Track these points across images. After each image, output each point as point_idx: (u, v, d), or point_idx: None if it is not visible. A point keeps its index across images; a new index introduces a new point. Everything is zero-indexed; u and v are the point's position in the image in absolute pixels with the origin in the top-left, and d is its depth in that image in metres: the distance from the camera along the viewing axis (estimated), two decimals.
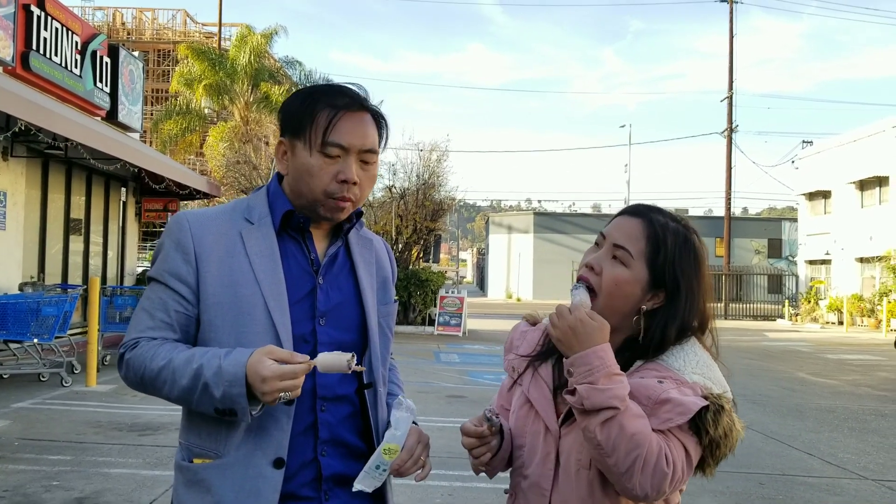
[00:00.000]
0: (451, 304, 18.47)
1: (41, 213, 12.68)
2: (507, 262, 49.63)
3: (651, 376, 1.51)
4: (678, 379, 1.50)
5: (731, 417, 1.47)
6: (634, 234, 1.57)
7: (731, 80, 33.53)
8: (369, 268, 1.80)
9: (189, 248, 1.62)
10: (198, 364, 1.53)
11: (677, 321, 1.56)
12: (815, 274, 32.70)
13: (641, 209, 1.63)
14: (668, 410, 1.44)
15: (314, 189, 1.64)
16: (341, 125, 1.63)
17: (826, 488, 5.73)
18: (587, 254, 1.64)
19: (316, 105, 1.65)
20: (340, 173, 1.64)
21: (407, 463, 1.64)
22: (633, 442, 1.38)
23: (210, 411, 1.54)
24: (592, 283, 1.57)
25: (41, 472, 5.36)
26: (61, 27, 12.15)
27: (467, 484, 5.38)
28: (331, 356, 1.53)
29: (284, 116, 1.70)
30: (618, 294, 1.56)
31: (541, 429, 1.60)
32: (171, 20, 35.68)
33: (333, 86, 1.71)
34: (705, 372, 1.53)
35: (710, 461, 1.50)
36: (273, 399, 1.47)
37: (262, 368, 1.46)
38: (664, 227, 1.58)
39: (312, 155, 1.63)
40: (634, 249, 1.56)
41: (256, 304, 1.60)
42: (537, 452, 1.59)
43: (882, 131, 27.43)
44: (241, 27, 26.18)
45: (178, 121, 24.95)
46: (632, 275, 1.55)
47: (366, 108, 1.68)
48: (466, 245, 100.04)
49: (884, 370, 13.88)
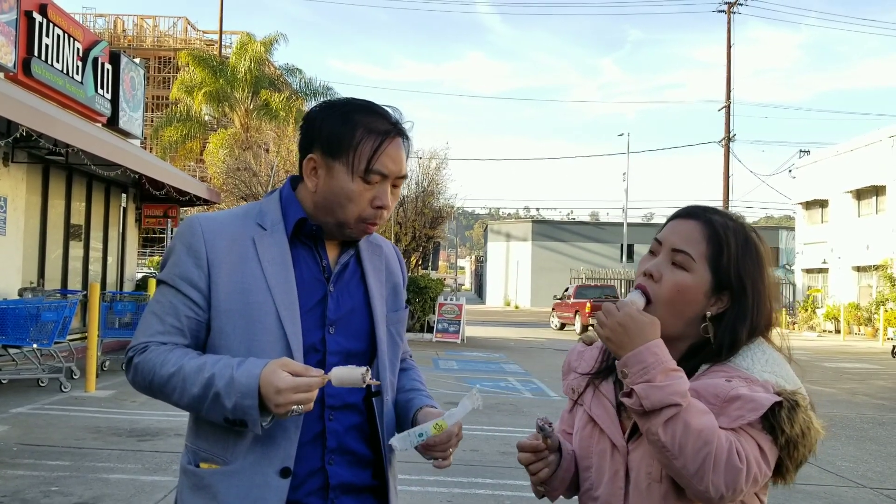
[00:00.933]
0: (450, 311, 18.49)
1: (41, 219, 12.69)
2: (505, 270, 49.67)
3: (718, 376, 1.43)
4: (747, 377, 1.42)
5: (807, 415, 1.38)
6: (694, 236, 1.50)
7: (728, 90, 33.64)
8: (379, 275, 1.79)
9: (201, 253, 1.61)
10: (209, 373, 1.52)
11: (746, 322, 1.49)
12: (812, 283, 32.75)
13: (698, 210, 1.55)
14: (739, 407, 1.35)
15: (349, 214, 1.63)
16: (385, 154, 1.62)
17: (824, 496, 5.74)
18: (642, 262, 1.56)
19: (356, 128, 1.62)
20: (376, 199, 1.63)
21: (443, 445, 1.62)
22: (700, 439, 1.29)
23: (220, 421, 1.54)
24: (650, 291, 1.49)
25: (40, 477, 5.37)
26: (63, 34, 12.19)
27: (466, 490, 5.39)
28: (345, 370, 1.53)
29: (319, 133, 1.65)
30: (680, 300, 1.48)
31: (607, 447, 1.54)
32: (172, 28, 35.81)
33: (372, 106, 1.68)
34: (776, 370, 1.46)
35: (789, 464, 1.40)
36: (286, 412, 1.46)
37: (277, 380, 1.45)
38: (724, 227, 1.51)
39: (354, 181, 1.61)
40: (696, 252, 1.49)
41: (268, 312, 1.59)
42: (605, 471, 1.53)
43: (879, 141, 27.54)
44: (241, 35, 26.29)
45: (179, 127, 25.03)
46: (694, 280, 1.48)
47: (402, 135, 1.68)
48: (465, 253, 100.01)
49: (881, 379, 13.90)
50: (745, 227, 1.55)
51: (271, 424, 1.53)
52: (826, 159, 31.60)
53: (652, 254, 1.56)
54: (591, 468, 1.56)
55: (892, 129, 27.08)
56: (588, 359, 1.66)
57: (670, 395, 1.31)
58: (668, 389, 1.31)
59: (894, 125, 27.12)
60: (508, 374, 12.65)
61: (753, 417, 1.34)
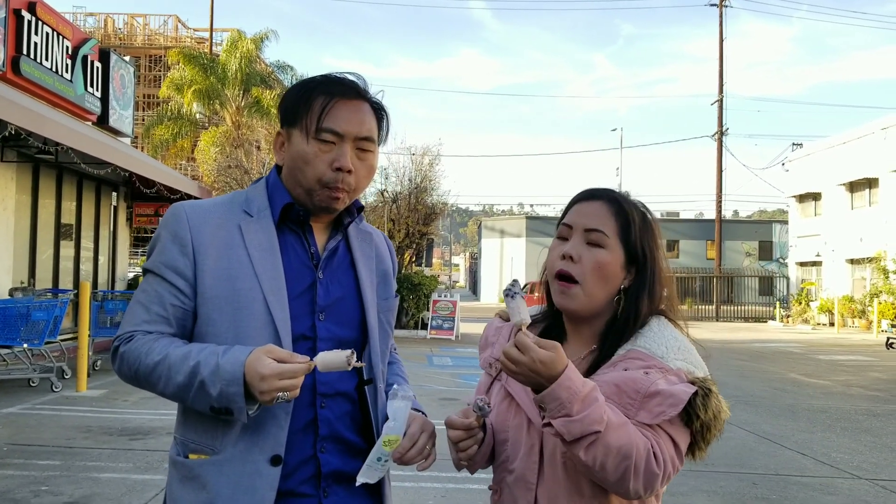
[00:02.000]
0: (444, 308, 18.46)
1: (31, 218, 12.61)
2: (499, 267, 49.67)
3: (636, 367, 1.49)
4: (663, 367, 1.49)
5: (718, 399, 1.47)
6: (602, 214, 1.58)
7: (721, 84, 33.68)
8: (369, 262, 1.77)
9: (187, 241, 1.59)
10: (195, 361, 1.50)
11: (646, 292, 1.58)
12: (805, 276, 32.82)
13: (599, 191, 1.63)
14: (659, 403, 1.43)
15: (309, 177, 1.62)
16: (336, 111, 1.62)
17: (820, 488, 5.73)
18: (554, 248, 1.62)
19: (312, 93, 1.64)
20: (335, 161, 1.61)
21: (410, 451, 1.60)
22: (620, 455, 1.37)
23: (206, 410, 1.51)
24: (573, 273, 1.56)
25: (30, 476, 5.32)
26: (52, 32, 12.10)
27: (460, 486, 5.35)
28: (330, 354, 1.51)
29: (282, 107, 1.69)
30: (602, 276, 1.56)
31: (524, 422, 1.58)
32: (163, 26, 35.65)
33: (330, 75, 1.69)
34: (687, 357, 1.53)
35: (702, 444, 1.50)
36: (271, 399, 1.44)
37: (262, 367, 1.44)
38: (627, 203, 1.61)
39: (309, 143, 1.61)
40: (608, 229, 1.57)
41: (255, 298, 1.56)
42: (521, 446, 1.58)
43: (871, 133, 27.59)
44: (231, 32, 26.14)
45: (170, 126, 24.91)
46: (611, 255, 1.56)
47: (362, 97, 1.67)
48: (459, 249, 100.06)
49: (875, 370, 13.92)
50: (642, 204, 1.64)
51: (258, 413, 1.51)
52: (819, 152, 31.64)
53: (562, 239, 1.62)
54: (508, 441, 1.60)
55: (884, 121, 27.13)
56: (507, 335, 1.70)
57: (588, 426, 1.36)
58: (586, 421, 1.35)
59: (886, 117, 27.16)
60: None
61: (674, 413, 1.42)
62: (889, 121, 26.74)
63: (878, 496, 5.59)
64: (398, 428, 1.58)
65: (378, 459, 1.58)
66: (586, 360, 1.59)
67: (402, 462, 1.60)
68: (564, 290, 1.57)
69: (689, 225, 49.07)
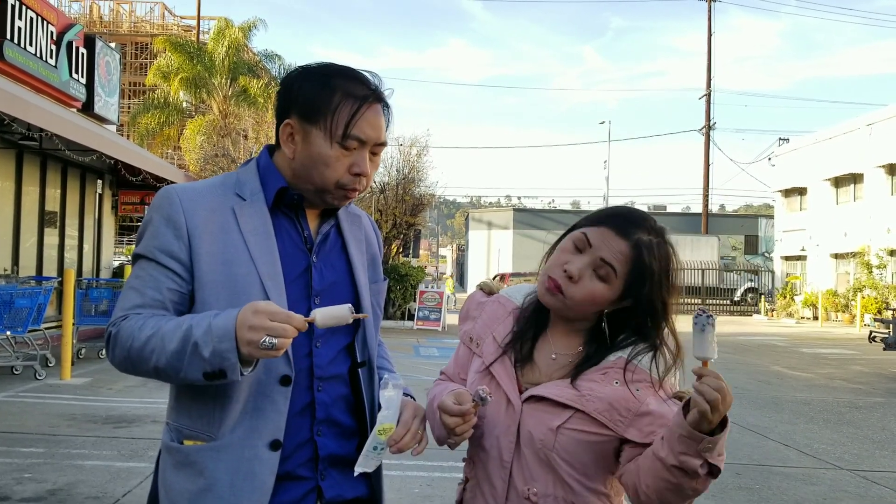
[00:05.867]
0: (431, 299, 18.46)
1: (15, 205, 12.50)
2: (486, 258, 49.70)
3: (626, 381, 1.53)
4: (652, 381, 1.53)
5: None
6: (622, 256, 1.55)
7: (709, 78, 33.79)
8: (360, 245, 1.77)
9: (181, 224, 1.55)
10: (187, 325, 1.46)
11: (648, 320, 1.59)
12: (790, 270, 33.06)
13: (630, 230, 1.56)
14: (650, 423, 1.49)
15: (327, 180, 1.59)
16: (363, 119, 1.59)
17: (802, 478, 5.78)
18: (564, 252, 1.59)
19: (334, 92, 1.58)
20: (355, 166, 1.59)
21: (405, 438, 1.59)
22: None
23: (199, 377, 1.45)
24: (565, 289, 1.55)
25: (13, 464, 5.28)
26: (36, 17, 11.97)
27: (446, 474, 5.36)
28: (330, 309, 1.49)
29: (296, 97, 1.61)
30: (589, 304, 1.56)
31: (502, 400, 1.59)
32: (149, 13, 35.28)
33: (350, 71, 1.64)
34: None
35: None
36: (257, 338, 1.38)
37: (255, 304, 1.41)
38: (650, 255, 1.55)
39: (332, 146, 1.57)
40: (620, 271, 1.55)
41: (252, 283, 1.54)
42: (498, 424, 1.59)
43: (857, 129, 27.78)
44: (219, 20, 25.94)
45: (156, 114, 24.69)
46: (609, 292, 1.55)
47: (382, 100, 1.64)
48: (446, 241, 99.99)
49: (858, 364, 14.04)
50: (668, 247, 1.59)
51: (253, 370, 1.47)
52: (805, 147, 31.83)
53: (577, 249, 1.58)
54: (485, 417, 1.61)
55: (869, 117, 27.31)
56: (490, 314, 1.71)
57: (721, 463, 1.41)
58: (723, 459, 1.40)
59: (872, 113, 27.33)
60: None
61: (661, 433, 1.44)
62: (874, 117, 26.92)
63: (860, 486, 5.64)
64: (392, 416, 1.58)
65: (374, 448, 1.58)
66: (573, 361, 1.59)
67: (397, 449, 1.59)
68: (550, 292, 1.58)
69: (677, 219, 49.25)
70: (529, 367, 1.62)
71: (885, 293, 24.44)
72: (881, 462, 6.45)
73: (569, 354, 1.60)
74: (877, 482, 5.78)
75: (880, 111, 26.92)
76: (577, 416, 1.52)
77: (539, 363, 1.62)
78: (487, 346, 1.67)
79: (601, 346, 1.58)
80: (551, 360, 1.61)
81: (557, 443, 1.53)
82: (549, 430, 1.53)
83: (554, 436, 1.53)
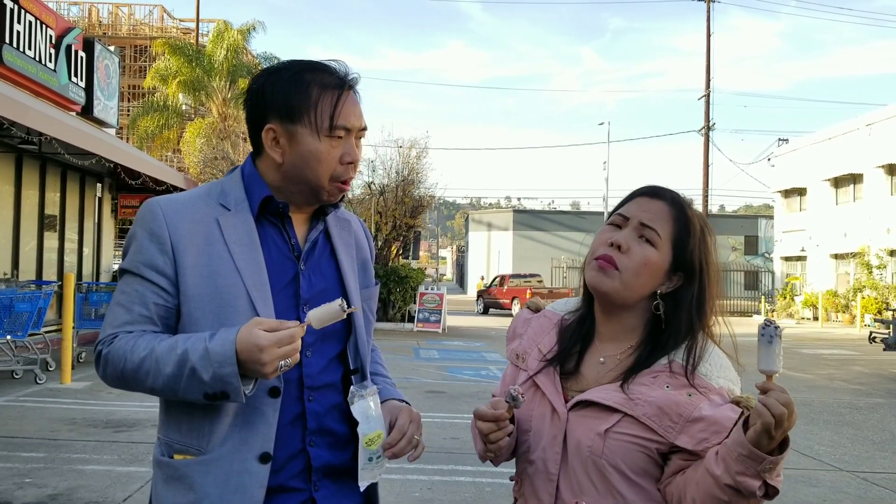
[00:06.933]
0: (431, 301, 18.45)
1: (14, 209, 12.50)
2: (486, 260, 49.72)
3: (679, 384, 1.47)
4: (706, 386, 1.46)
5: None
6: (662, 215, 1.54)
7: (708, 79, 33.76)
8: (349, 250, 1.75)
9: (164, 238, 1.54)
10: (182, 349, 1.45)
11: (694, 303, 1.54)
12: (790, 270, 33.05)
13: (663, 191, 1.58)
14: (703, 430, 1.41)
15: (322, 175, 1.59)
16: (345, 107, 1.59)
17: (802, 480, 5.78)
18: (603, 233, 1.57)
19: (310, 87, 1.58)
20: (346, 155, 1.60)
21: (400, 442, 1.59)
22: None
23: (199, 398, 1.47)
24: (617, 260, 1.51)
25: (13, 469, 5.28)
26: (35, 20, 11.96)
27: (446, 478, 5.36)
28: (321, 309, 1.48)
29: (272, 100, 1.59)
30: (646, 273, 1.52)
31: (547, 411, 1.55)
32: (148, 16, 35.27)
33: (316, 64, 1.64)
34: (727, 374, 1.52)
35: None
36: (274, 369, 1.40)
37: (257, 339, 1.40)
38: (689, 208, 1.56)
39: (321, 140, 1.57)
40: (663, 231, 1.53)
41: (238, 294, 1.53)
42: (544, 435, 1.54)
43: (856, 129, 27.78)
44: (218, 23, 25.95)
45: (156, 117, 24.70)
46: (659, 256, 1.52)
47: (353, 87, 1.65)
48: (446, 243, 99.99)
49: (858, 364, 14.05)
50: (702, 215, 1.60)
51: (254, 391, 1.47)
52: (804, 148, 31.83)
53: (615, 226, 1.57)
54: (530, 431, 1.57)
55: (869, 117, 27.31)
56: (536, 328, 1.68)
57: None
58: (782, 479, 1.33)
59: (871, 113, 27.34)
60: (489, 362, 12.65)
61: (717, 441, 1.39)
62: (874, 117, 26.93)
63: (860, 488, 5.64)
64: (374, 425, 1.57)
65: (370, 460, 1.57)
66: (622, 364, 1.54)
67: (392, 454, 1.58)
68: (602, 268, 1.52)
69: None
70: (575, 378, 1.57)
71: (885, 293, 24.45)
72: (881, 463, 6.45)
73: (617, 355, 1.55)
74: (877, 483, 5.78)
75: (880, 111, 26.92)
76: (625, 420, 1.46)
77: (586, 373, 1.57)
78: (532, 360, 1.63)
79: (651, 347, 1.53)
80: (599, 364, 1.56)
81: (607, 448, 1.46)
82: (597, 436, 1.46)
83: (602, 441, 1.46)
